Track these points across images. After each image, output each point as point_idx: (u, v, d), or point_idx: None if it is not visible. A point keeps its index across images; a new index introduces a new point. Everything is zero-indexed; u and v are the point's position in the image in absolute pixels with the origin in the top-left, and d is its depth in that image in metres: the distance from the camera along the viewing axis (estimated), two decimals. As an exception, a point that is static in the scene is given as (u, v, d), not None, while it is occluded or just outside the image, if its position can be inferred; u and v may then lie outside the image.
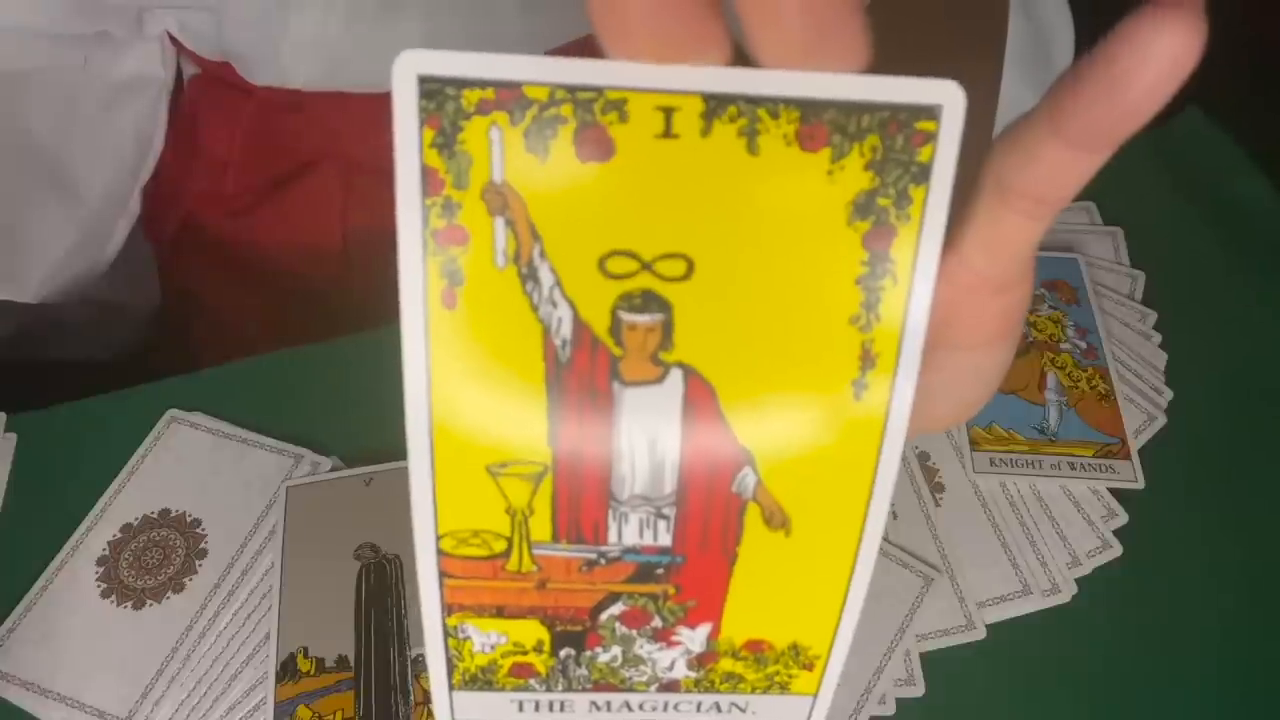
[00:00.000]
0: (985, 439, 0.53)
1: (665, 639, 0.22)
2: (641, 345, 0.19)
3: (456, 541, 0.20)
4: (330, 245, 0.66)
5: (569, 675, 0.23)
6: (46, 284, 0.59)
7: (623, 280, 0.18)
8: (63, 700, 0.45)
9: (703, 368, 0.19)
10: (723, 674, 0.23)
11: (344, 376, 0.55)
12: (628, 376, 0.19)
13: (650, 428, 0.19)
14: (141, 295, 0.69)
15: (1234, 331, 0.59)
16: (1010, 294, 0.22)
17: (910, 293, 0.18)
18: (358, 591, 0.47)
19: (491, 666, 0.23)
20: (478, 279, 0.18)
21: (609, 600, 0.22)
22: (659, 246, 0.18)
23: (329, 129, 0.63)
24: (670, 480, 0.20)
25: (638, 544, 0.21)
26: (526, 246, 0.18)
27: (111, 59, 0.62)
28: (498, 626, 0.22)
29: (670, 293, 0.18)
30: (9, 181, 0.59)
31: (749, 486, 0.20)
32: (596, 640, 0.22)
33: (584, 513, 0.20)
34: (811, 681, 0.23)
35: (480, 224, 0.17)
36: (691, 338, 0.19)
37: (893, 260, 0.18)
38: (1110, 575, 0.50)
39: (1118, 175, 0.70)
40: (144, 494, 0.51)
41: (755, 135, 0.17)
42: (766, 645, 0.22)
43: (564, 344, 0.18)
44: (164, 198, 0.66)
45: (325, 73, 0.59)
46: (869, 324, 0.19)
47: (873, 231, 0.18)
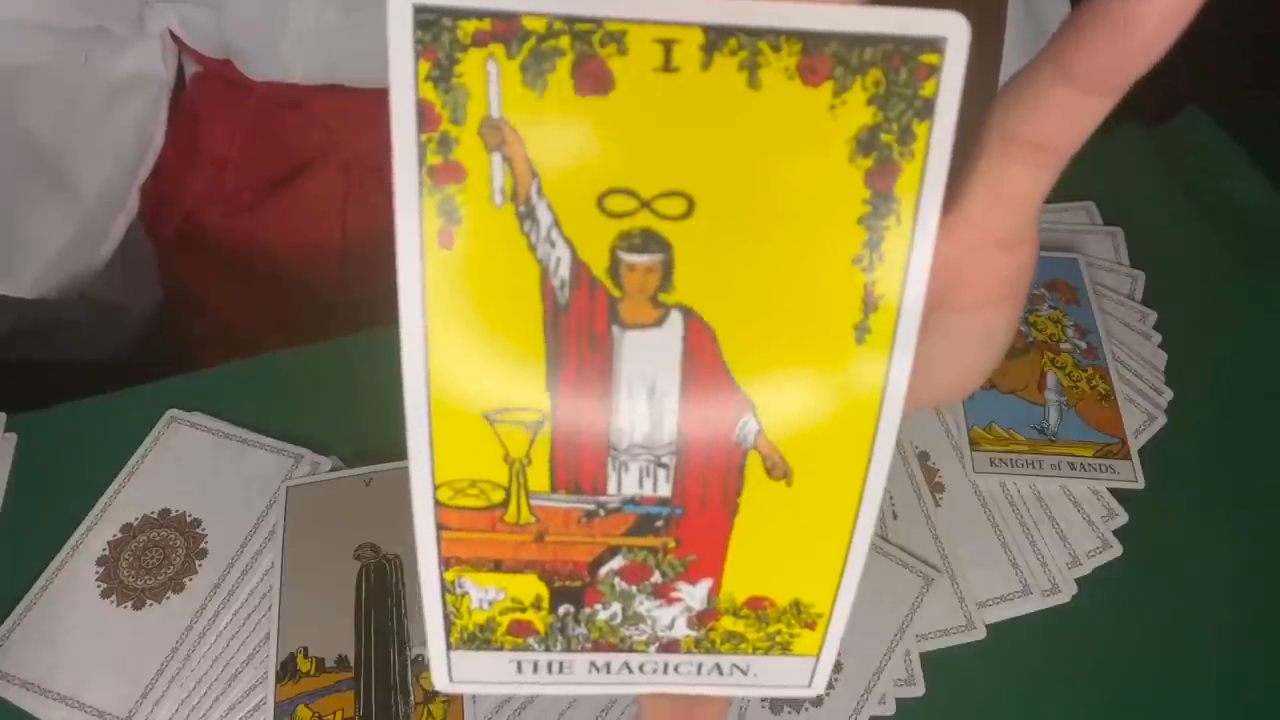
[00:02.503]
0: (985, 439, 0.53)
1: (665, 595, 0.22)
2: (641, 286, 0.18)
3: (454, 492, 0.20)
4: (330, 244, 0.66)
5: (568, 634, 0.22)
6: (43, 280, 0.59)
7: (622, 219, 0.18)
8: (62, 700, 0.45)
9: (703, 310, 0.18)
10: (723, 633, 0.22)
11: (344, 376, 0.55)
12: (627, 319, 0.19)
13: (650, 373, 0.19)
14: (141, 294, 0.69)
15: (1234, 331, 0.59)
16: (1016, 252, 0.22)
17: (914, 233, 0.18)
18: (358, 591, 0.47)
19: (490, 624, 0.22)
20: (475, 218, 0.17)
21: (608, 554, 0.21)
22: (658, 184, 0.17)
23: (329, 126, 0.63)
24: (670, 428, 0.20)
25: (637, 494, 0.20)
26: (524, 184, 0.17)
27: (113, 57, 0.62)
28: (496, 581, 0.21)
29: (670, 232, 0.18)
30: (7, 176, 0.59)
31: (750, 434, 0.20)
32: (595, 597, 0.22)
33: (583, 462, 0.20)
34: (814, 642, 0.23)
35: (477, 161, 0.17)
36: (692, 278, 0.18)
37: (896, 199, 0.18)
38: (1110, 575, 0.50)
39: (1118, 175, 0.71)
40: (144, 494, 0.51)
41: (756, 69, 0.16)
42: (768, 602, 0.22)
43: (562, 285, 0.18)
44: (164, 196, 0.66)
45: (325, 67, 0.59)
46: (871, 265, 0.18)
47: (876, 169, 0.17)
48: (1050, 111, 0.19)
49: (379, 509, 0.49)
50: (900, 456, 0.53)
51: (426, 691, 0.45)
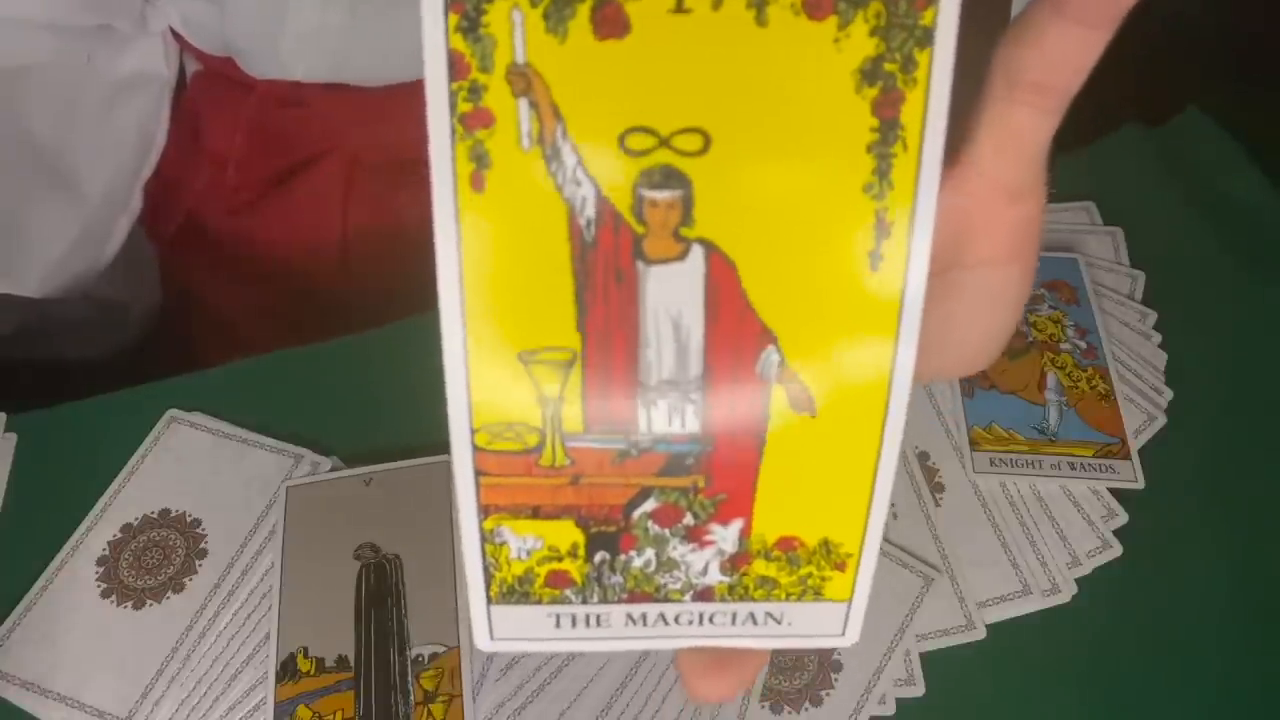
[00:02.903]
0: (985, 439, 0.53)
1: (698, 538, 0.22)
2: (663, 222, 0.19)
3: (490, 436, 0.21)
4: (330, 243, 0.66)
5: (604, 583, 0.23)
6: (48, 280, 0.59)
7: (642, 157, 0.18)
8: (62, 700, 0.45)
9: (723, 243, 0.19)
10: (756, 578, 0.23)
11: (344, 376, 0.55)
12: (651, 254, 0.19)
13: (675, 308, 0.20)
14: (142, 294, 0.69)
15: (1234, 331, 0.59)
16: (1024, 203, 0.22)
17: (921, 158, 0.19)
18: (358, 591, 0.47)
19: (528, 576, 0.23)
20: (504, 161, 0.18)
21: (641, 496, 0.22)
22: (676, 121, 0.18)
23: (330, 124, 0.63)
24: (696, 363, 0.20)
25: (667, 432, 0.21)
26: (550, 127, 0.18)
27: (115, 56, 0.62)
28: (533, 529, 0.22)
29: (689, 168, 0.19)
30: (11, 176, 0.59)
31: (773, 367, 0.20)
32: (630, 542, 0.22)
33: (614, 401, 0.21)
34: (845, 585, 0.23)
35: (505, 106, 0.18)
36: (711, 212, 0.19)
37: (903, 126, 0.18)
38: (1110, 575, 0.50)
39: (1118, 175, 0.71)
40: (144, 494, 0.51)
41: (763, 6, 0.17)
42: (798, 543, 0.22)
43: (588, 223, 0.19)
44: (165, 196, 0.66)
45: (326, 65, 0.59)
46: (882, 192, 0.19)
47: (881, 98, 0.18)
48: (1048, 49, 0.19)
49: (379, 509, 0.49)
50: (900, 456, 0.53)
51: (426, 691, 0.45)
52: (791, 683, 0.46)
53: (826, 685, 0.46)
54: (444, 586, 0.47)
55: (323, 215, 0.65)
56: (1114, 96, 0.71)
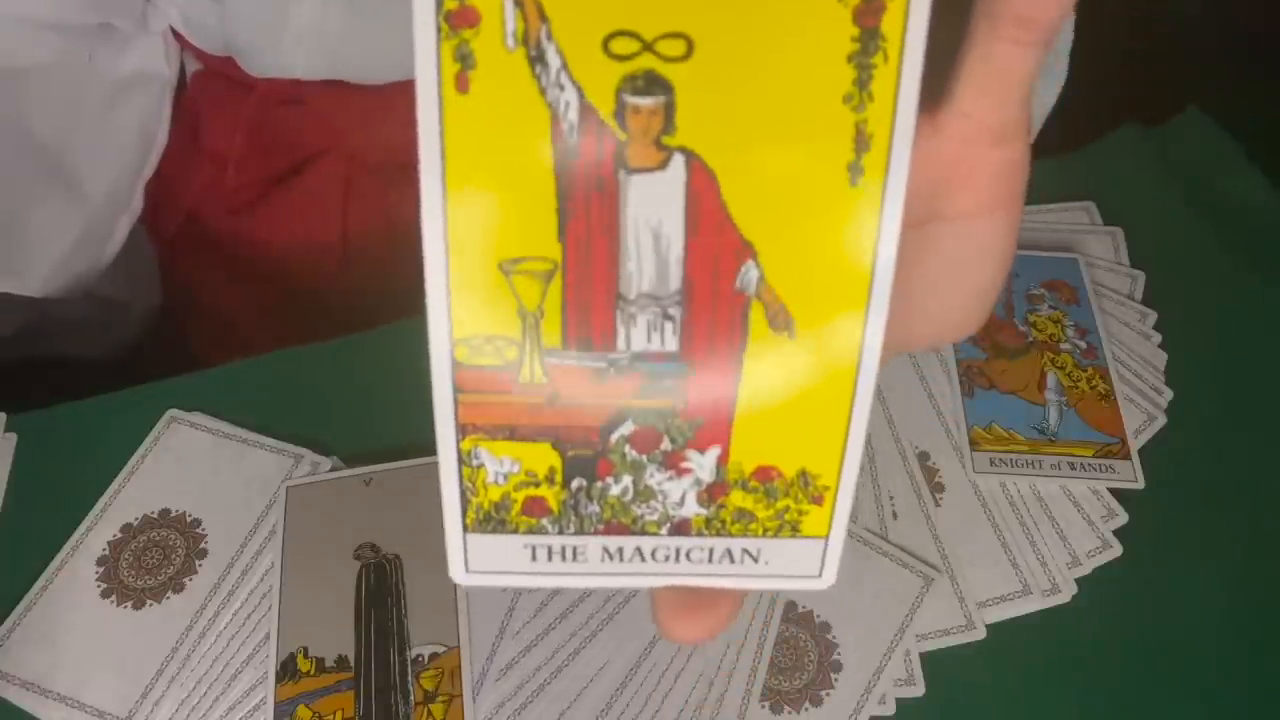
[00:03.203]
0: (985, 439, 0.53)
1: (675, 465, 0.22)
2: (645, 129, 0.19)
3: (470, 350, 0.20)
4: (330, 243, 0.66)
5: (580, 512, 0.23)
6: (49, 279, 0.59)
7: (626, 61, 0.18)
8: (62, 700, 0.45)
9: (704, 152, 0.19)
10: (734, 510, 0.23)
11: (344, 376, 0.55)
12: (632, 163, 0.19)
13: (655, 218, 0.20)
14: (143, 293, 0.69)
15: (1234, 331, 0.59)
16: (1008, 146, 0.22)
17: (901, 70, 0.18)
18: (358, 591, 0.47)
19: (505, 502, 0.22)
20: (489, 62, 0.18)
21: (619, 418, 0.22)
22: (660, 25, 0.18)
23: (330, 123, 0.63)
24: (676, 276, 0.20)
25: (646, 349, 0.21)
26: (535, 27, 0.18)
27: (116, 55, 0.62)
28: (510, 451, 0.22)
29: (672, 74, 0.18)
30: (12, 176, 0.59)
31: (752, 281, 0.20)
32: (608, 468, 0.22)
33: (593, 314, 0.20)
34: (822, 520, 0.23)
35: (490, 4, 0.18)
36: (692, 121, 0.19)
37: (883, 36, 0.18)
38: (1110, 575, 0.50)
39: (1118, 175, 0.71)
40: (144, 494, 0.51)
41: None
42: (776, 473, 0.22)
43: (571, 128, 0.19)
44: (165, 195, 0.66)
45: (326, 62, 0.59)
46: (862, 104, 0.19)
47: (863, 6, 0.18)
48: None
49: (379, 509, 0.49)
50: (900, 456, 0.53)
51: (426, 691, 0.45)
52: (791, 683, 0.46)
53: (826, 685, 0.46)
54: (444, 586, 0.47)
55: (323, 215, 0.65)
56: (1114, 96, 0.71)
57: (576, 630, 0.47)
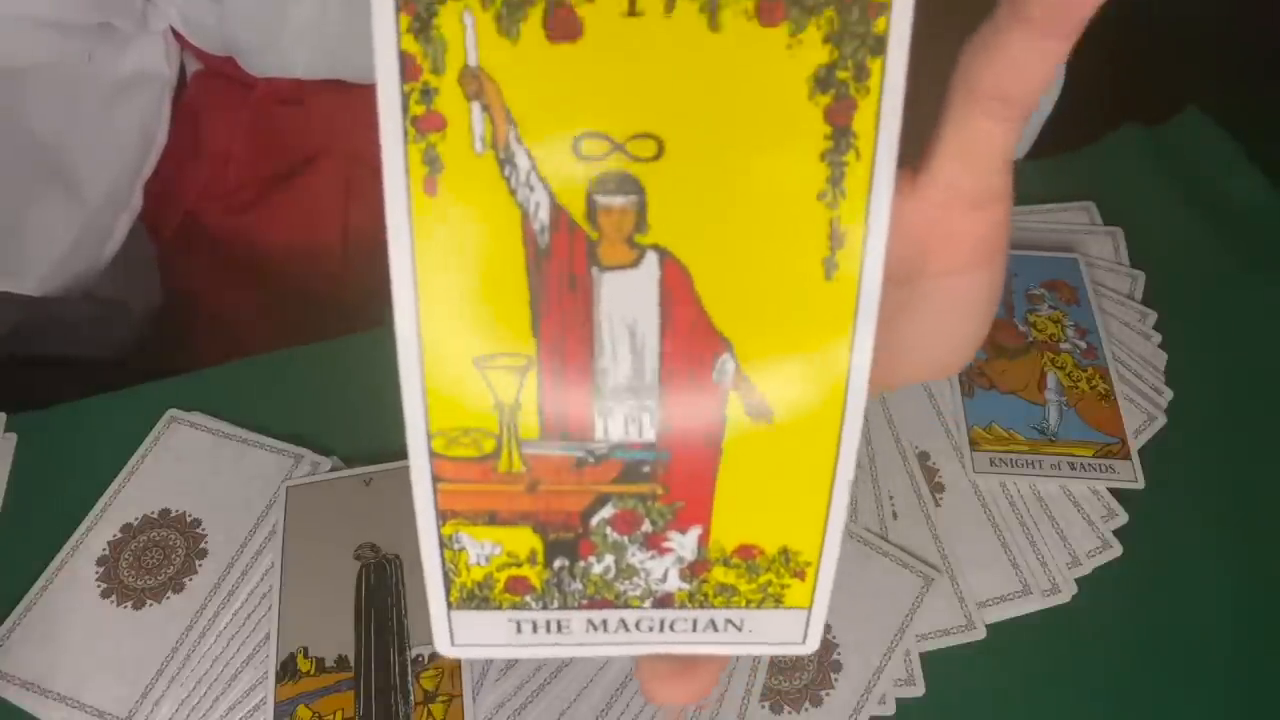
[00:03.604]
0: (985, 439, 0.53)
1: (656, 545, 0.22)
2: (617, 227, 0.19)
3: (447, 441, 0.21)
4: (330, 242, 0.66)
5: (564, 589, 0.23)
6: (48, 278, 0.59)
7: (596, 162, 0.18)
8: (62, 700, 0.45)
9: (677, 249, 0.19)
10: (716, 585, 0.23)
11: (344, 376, 0.55)
12: (605, 261, 0.19)
13: (629, 314, 0.20)
14: (142, 293, 0.69)
15: (1234, 331, 0.59)
16: (989, 209, 0.22)
17: (874, 167, 0.19)
18: (358, 591, 0.47)
19: (488, 581, 0.23)
20: (457, 165, 0.18)
21: (599, 503, 0.22)
22: (630, 127, 0.18)
23: (330, 123, 0.63)
24: (651, 370, 0.20)
25: (624, 440, 0.21)
26: (503, 131, 0.18)
27: (116, 55, 0.62)
28: (491, 535, 0.22)
29: (643, 174, 0.18)
30: (12, 175, 0.59)
31: (728, 374, 0.20)
32: (589, 548, 0.22)
33: (570, 407, 0.21)
34: (805, 593, 0.23)
35: (458, 109, 0.18)
36: (665, 219, 0.19)
37: (855, 134, 0.18)
38: (1110, 575, 0.50)
39: (1118, 175, 0.71)
40: (144, 494, 0.51)
41: (716, 10, 0.17)
42: (757, 551, 0.22)
43: (542, 229, 0.19)
44: (165, 195, 0.66)
45: (326, 62, 0.59)
46: (835, 200, 0.19)
47: (834, 105, 0.18)
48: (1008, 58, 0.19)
49: (379, 509, 0.49)
50: (900, 456, 0.53)
51: (426, 691, 0.45)
52: (791, 683, 0.46)
53: (826, 685, 0.46)
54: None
55: (323, 214, 0.65)
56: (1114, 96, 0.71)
57: (576, 630, 0.47)
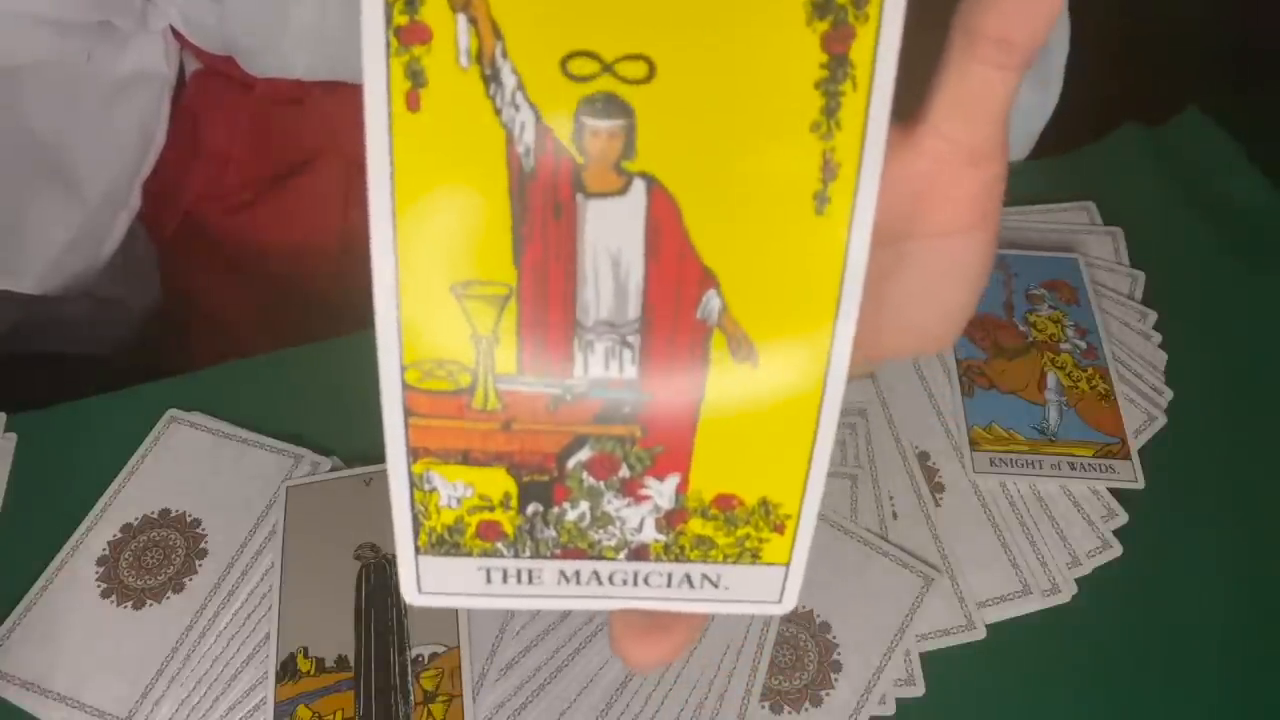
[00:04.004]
0: (985, 439, 0.53)
1: (633, 492, 0.22)
2: (604, 153, 0.18)
3: (421, 374, 0.20)
4: (330, 242, 0.66)
5: (536, 536, 0.22)
6: (46, 277, 0.59)
7: (585, 83, 0.18)
8: (62, 700, 0.45)
9: (665, 178, 0.18)
10: (693, 537, 0.22)
11: (344, 376, 0.55)
12: (591, 187, 0.18)
13: (614, 245, 0.19)
14: (141, 292, 0.69)
15: (1234, 331, 0.59)
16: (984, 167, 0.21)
17: (870, 98, 0.18)
18: (358, 591, 0.47)
19: (458, 525, 0.22)
20: (441, 80, 0.17)
21: (576, 444, 0.21)
22: (620, 47, 0.17)
23: (329, 123, 0.63)
24: (635, 304, 0.20)
25: (604, 377, 0.20)
26: (489, 45, 0.17)
27: (115, 54, 0.62)
28: (464, 475, 0.21)
29: (632, 96, 0.18)
30: (11, 173, 0.59)
31: (714, 311, 0.20)
32: (564, 494, 0.22)
33: (549, 341, 0.20)
34: (783, 548, 0.22)
35: (443, 21, 0.17)
36: (654, 145, 0.18)
37: (852, 63, 0.18)
38: (1110, 575, 0.50)
39: (1118, 175, 0.70)
40: (144, 494, 0.51)
41: None
42: (736, 501, 0.22)
43: (527, 151, 0.18)
44: (165, 194, 0.66)
45: (325, 63, 0.59)
46: (830, 132, 0.18)
47: (832, 32, 0.17)
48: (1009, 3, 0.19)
49: (379, 509, 0.49)
50: (900, 456, 0.53)
51: (426, 691, 0.45)
52: (791, 683, 0.46)
53: (826, 685, 0.46)
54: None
55: (322, 214, 0.65)
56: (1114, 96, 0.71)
57: (577, 630, 0.47)
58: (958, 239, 0.23)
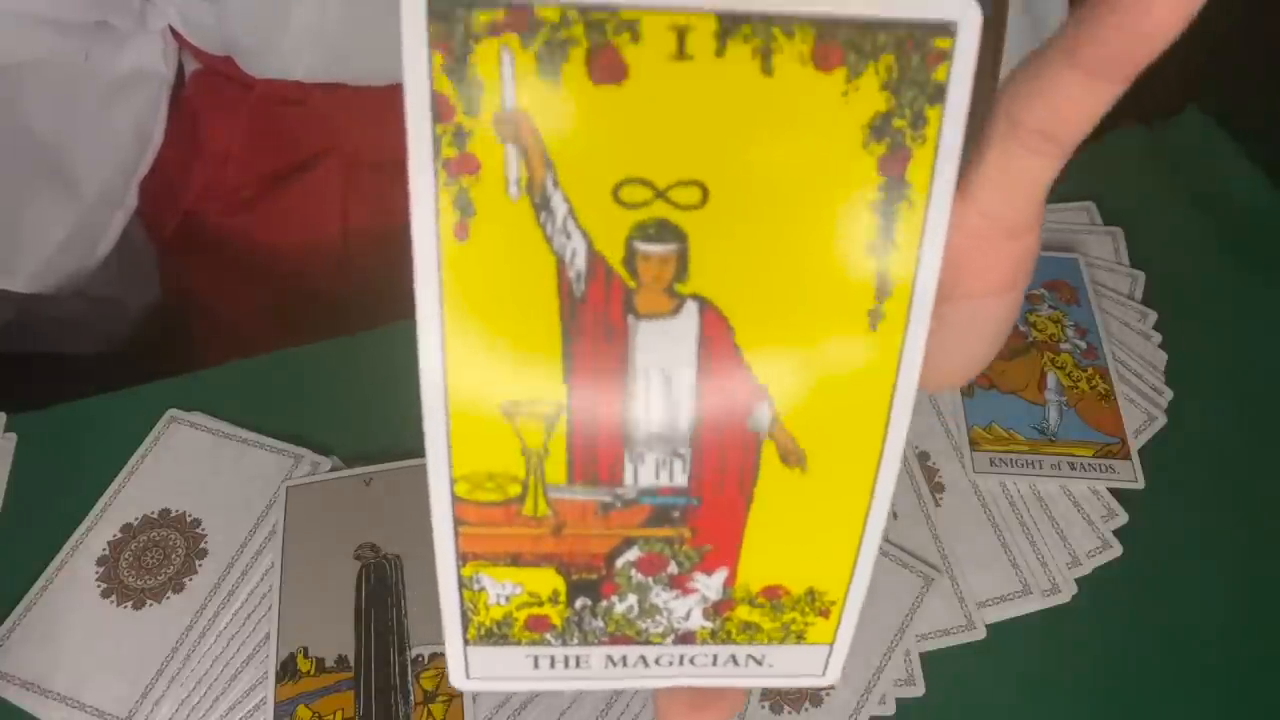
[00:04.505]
0: (985, 439, 0.53)
1: (681, 586, 0.22)
2: (657, 276, 0.18)
3: (471, 486, 0.20)
4: (330, 242, 0.66)
5: (585, 627, 0.22)
6: (40, 275, 0.59)
7: (637, 209, 0.18)
8: (62, 700, 0.45)
9: (718, 299, 0.18)
10: (739, 623, 0.22)
11: (344, 376, 0.55)
12: (642, 309, 0.18)
13: (665, 363, 0.19)
14: (141, 292, 0.69)
15: (1234, 331, 0.59)
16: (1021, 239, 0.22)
17: (926, 218, 0.18)
18: (358, 591, 0.47)
19: (507, 620, 0.22)
20: (490, 210, 0.17)
21: (625, 545, 0.21)
22: (673, 173, 0.17)
23: (329, 123, 0.63)
24: (686, 418, 0.20)
25: (654, 485, 0.20)
26: (540, 175, 0.17)
27: (113, 53, 0.62)
28: (513, 576, 0.21)
29: (685, 221, 0.18)
30: (6, 171, 0.59)
31: (765, 422, 0.20)
32: (613, 589, 0.22)
33: (600, 453, 0.20)
34: (828, 630, 0.23)
35: (492, 152, 0.17)
36: (707, 268, 0.18)
37: (909, 184, 0.18)
38: (1110, 575, 0.50)
39: (1118, 175, 0.70)
40: (144, 494, 0.51)
41: (770, 55, 0.16)
42: (783, 591, 0.22)
43: (578, 276, 0.18)
44: (164, 194, 0.66)
45: (326, 64, 0.59)
46: (885, 251, 0.18)
47: (888, 155, 0.17)
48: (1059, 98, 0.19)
49: (379, 509, 0.49)
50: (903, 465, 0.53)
51: (426, 691, 0.45)
52: (791, 683, 0.46)
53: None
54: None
55: (322, 215, 0.65)
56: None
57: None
58: (991, 300, 0.23)
